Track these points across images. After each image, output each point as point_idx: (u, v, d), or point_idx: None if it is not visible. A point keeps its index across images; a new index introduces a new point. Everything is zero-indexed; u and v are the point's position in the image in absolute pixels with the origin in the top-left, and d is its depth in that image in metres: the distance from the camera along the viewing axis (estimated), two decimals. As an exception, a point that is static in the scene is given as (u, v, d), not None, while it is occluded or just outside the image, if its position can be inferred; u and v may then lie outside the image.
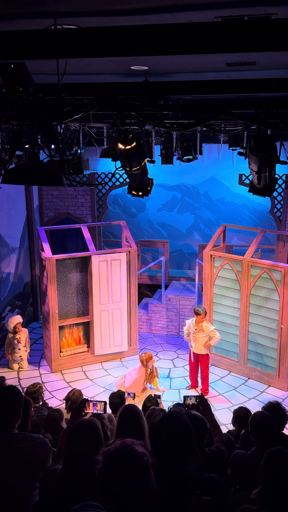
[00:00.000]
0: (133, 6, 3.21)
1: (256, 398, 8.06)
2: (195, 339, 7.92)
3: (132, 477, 1.72)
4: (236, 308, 8.75)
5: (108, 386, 8.39)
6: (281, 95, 6.00)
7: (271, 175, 5.44)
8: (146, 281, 11.61)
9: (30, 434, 3.11)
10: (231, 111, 4.74)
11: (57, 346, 8.99)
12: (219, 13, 3.32)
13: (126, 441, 1.83)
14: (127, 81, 5.61)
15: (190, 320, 8.09)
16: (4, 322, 10.24)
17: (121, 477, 1.71)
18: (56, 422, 5.01)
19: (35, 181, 4.57)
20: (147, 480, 1.75)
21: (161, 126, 5.43)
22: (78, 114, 4.59)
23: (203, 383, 8.13)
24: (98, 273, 9.02)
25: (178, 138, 7.85)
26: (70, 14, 3.41)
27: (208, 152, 11.02)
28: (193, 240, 12.31)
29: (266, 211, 11.40)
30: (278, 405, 4.50)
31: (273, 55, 4.02)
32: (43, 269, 9.14)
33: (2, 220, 10.05)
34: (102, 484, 1.75)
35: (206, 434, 3.57)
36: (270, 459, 2.72)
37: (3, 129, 6.85)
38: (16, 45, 3.91)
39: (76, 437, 2.64)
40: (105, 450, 1.81)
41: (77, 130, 7.00)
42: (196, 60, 4.26)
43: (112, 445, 1.83)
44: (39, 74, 4.67)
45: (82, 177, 11.12)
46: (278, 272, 8.04)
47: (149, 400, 5.67)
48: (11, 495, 2.88)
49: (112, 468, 1.74)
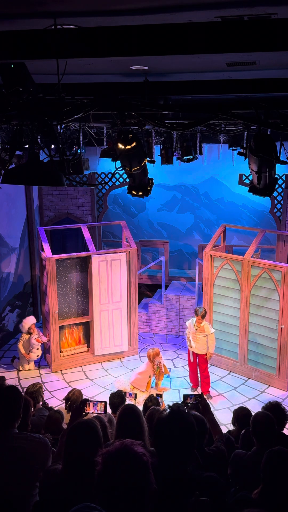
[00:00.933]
0: (133, 6, 3.21)
1: (256, 398, 8.06)
2: (195, 339, 7.93)
3: (131, 477, 1.72)
4: (236, 308, 8.75)
5: (108, 386, 8.39)
6: (281, 95, 6.00)
7: (271, 175, 5.44)
8: (146, 281, 11.61)
9: (30, 434, 3.11)
10: (231, 111, 4.74)
11: (57, 346, 9.00)
12: (219, 13, 3.33)
13: (125, 441, 1.83)
14: (127, 81, 5.61)
15: (190, 320, 8.10)
16: (4, 322, 10.25)
17: (120, 477, 1.71)
18: (57, 423, 5.01)
19: (35, 181, 4.57)
20: (147, 480, 1.75)
21: (161, 126, 5.43)
22: (78, 114, 4.58)
23: (204, 384, 8.10)
24: (98, 273, 9.02)
25: (178, 138, 7.85)
26: (70, 14, 3.41)
27: (208, 152, 11.01)
28: (193, 240, 12.31)
29: (266, 211, 11.40)
30: (278, 405, 4.50)
31: (273, 55, 4.02)
32: (43, 269, 9.14)
33: (2, 220, 10.05)
34: (102, 484, 1.74)
35: (206, 434, 3.57)
36: (271, 459, 2.72)
37: (3, 129, 6.85)
38: (16, 45, 3.91)
39: (76, 437, 2.64)
40: (104, 451, 1.81)
41: (77, 130, 7.00)
42: (196, 60, 4.26)
43: (112, 446, 1.83)
44: (39, 74, 4.67)
45: (82, 177, 11.12)
46: (278, 272, 8.04)
47: (150, 400, 5.67)
48: (11, 495, 2.88)
49: (112, 469, 1.74)
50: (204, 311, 7.88)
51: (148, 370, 8.06)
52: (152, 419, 4.34)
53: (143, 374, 8.10)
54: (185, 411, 2.52)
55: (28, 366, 9.07)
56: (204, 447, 3.49)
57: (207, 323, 8.02)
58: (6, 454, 2.93)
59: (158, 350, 8.11)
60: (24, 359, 8.97)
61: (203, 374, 8.08)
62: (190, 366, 8.26)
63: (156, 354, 8.03)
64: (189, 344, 8.06)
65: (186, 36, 3.65)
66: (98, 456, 1.80)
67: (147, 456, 1.79)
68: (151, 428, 3.56)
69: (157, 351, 8.07)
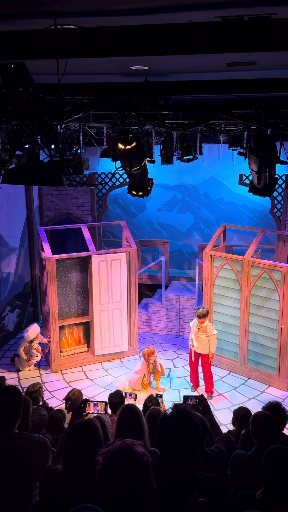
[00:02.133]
0: (133, 6, 3.21)
1: (256, 398, 8.07)
2: (197, 338, 7.93)
3: (132, 477, 1.72)
4: (236, 308, 8.76)
5: (108, 386, 8.39)
6: (281, 95, 6.00)
7: (271, 175, 5.44)
8: (146, 281, 11.61)
9: (30, 434, 3.11)
10: (231, 111, 4.74)
11: (57, 346, 9.00)
12: (219, 13, 3.32)
13: (125, 441, 1.83)
14: (127, 81, 5.61)
15: (193, 320, 8.11)
16: (4, 322, 10.25)
17: (121, 477, 1.71)
18: (59, 422, 5.01)
19: (35, 181, 4.57)
20: (148, 480, 1.75)
21: (161, 126, 5.43)
22: (78, 114, 4.59)
23: (207, 384, 8.08)
24: (98, 273, 9.02)
25: (178, 138, 7.85)
26: (70, 14, 3.41)
27: (208, 152, 11.02)
28: (193, 240, 12.31)
29: (266, 211, 11.40)
30: (278, 405, 4.50)
31: (273, 55, 4.02)
32: (43, 269, 9.14)
33: (2, 220, 10.05)
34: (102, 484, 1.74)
35: (206, 434, 3.57)
36: (270, 457, 2.72)
37: (3, 129, 6.85)
38: (16, 45, 3.91)
39: (76, 437, 2.64)
40: (105, 451, 1.81)
41: (77, 130, 7.00)
42: (196, 60, 4.26)
43: (112, 446, 1.83)
44: (39, 74, 4.67)
45: (82, 177, 11.12)
46: (278, 272, 8.05)
47: (150, 400, 5.66)
48: (11, 495, 2.88)
49: (112, 469, 1.73)
50: (203, 311, 7.87)
51: (143, 369, 8.05)
52: (152, 419, 4.34)
53: (138, 373, 8.11)
54: (190, 411, 2.52)
55: (28, 367, 9.09)
56: (204, 447, 3.49)
57: (210, 324, 8.02)
58: (6, 454, 2.93)
59: (153, 349, 8.10)
60: (24, 362, 8.99)
61: (206, 374, 8.07)
62: (191, 366, 8.25)
63: (151, 353, 8.02)
64: (191, 343, 8.05)
65: (186, 36, 3.64)
66: (98, 456, 1.80)
67: (148, 456, 1.79)
68: (151, 428, 3.57)
69: (152, 350, 8.06)
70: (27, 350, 9.00)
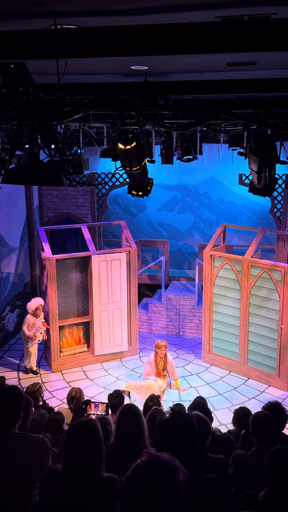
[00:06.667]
0: (133, 6, 3.21)
1: (256, 398, 8.06)
2: None
3: (161, 497, 1.59)
4: (236, 308, 8.75)
5: (108, 386, 8.39)
6: (281, 95, 6.00)
7: (271, 175, 5.44)
8: (146, 281, 11.61)
9: (30, 434, 3.10)
10: (231, 111, 4.75)
11: (57, 346, 9.00)
12: (219, 13, 3.33)
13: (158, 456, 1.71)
14: (127, 81, 5.61)
15: None
16: (4, 322, 10.25)
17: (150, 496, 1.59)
18: (57, 424, 5.00)
19: (35, 181, 4.57)
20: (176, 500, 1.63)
21: (161, 126, 5.43)
22: (78, 114, 4.59)
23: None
24: (98, 273, 9.02)
25: (178, 138, 7.85)
26: (70, 14, 3.41)
27: (208, 152, 11.01)
28: (193, 240, 12.31)
29: (266, 211, 11.40)
30: (278, 405, 4.50)
31: (273, 55, 4.02)
32: (43, 269, 9.14)
33: (2, 220, 10.05)
34: (128, 501, 1.62)
35: (208, 434, 3.57)
36: (272, 459, 2.72)
37: (3, 129, 6.85)
38: (16, 45, 3.91)
39: (76, 437, 2.64)
40: (133, 466, 1.67)
41: (77, 130, 7.00)
42: (196, 60, 4.26)
43: (141, 460, 1.70)
44: (39, 74, 4.66)
45: (82, 177, 11.12)
46: (278, 272, 8.05)
47: (151, 399, 5.65)
48: (11, 495, 2.88)
49: (143, 485, 1.61)
50: None
51: (152, 361, 8.12)
52: (154, 420, 4.33)
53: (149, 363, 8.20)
54: (186, 413, 2.51)
55: (35, 347, 8.85)
56: (206, 448, 3.49)
57: None
58: (6, 454, 2.93)
59: (160, 343, 8.13)
60: (27, 343, 8.71)
61: None
62: None
63: (158, 347, 8.08)
64: None
65: (186, 36, 3.64)
66: (125, 470, 1.68)
67: (182, 473, 1.67)
68: (153, 428, 3.56)
69: (159, 344, 8.11)
70: (31, 327, 8.69)
